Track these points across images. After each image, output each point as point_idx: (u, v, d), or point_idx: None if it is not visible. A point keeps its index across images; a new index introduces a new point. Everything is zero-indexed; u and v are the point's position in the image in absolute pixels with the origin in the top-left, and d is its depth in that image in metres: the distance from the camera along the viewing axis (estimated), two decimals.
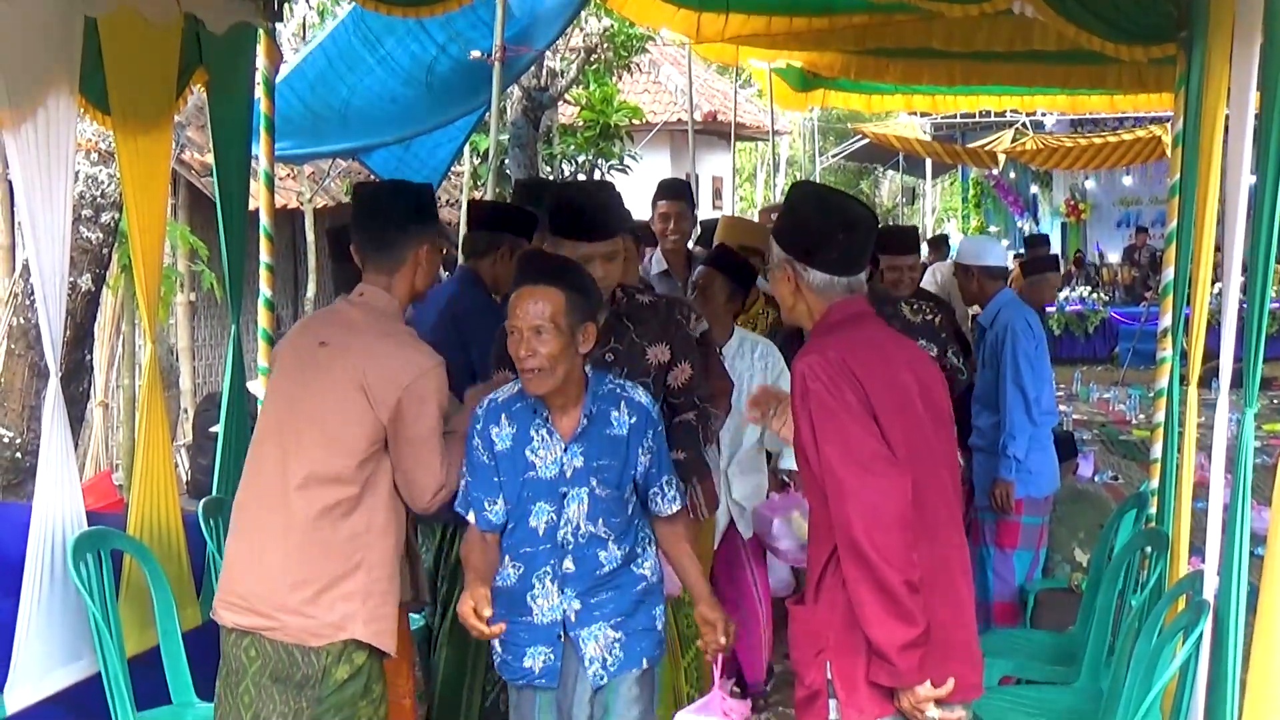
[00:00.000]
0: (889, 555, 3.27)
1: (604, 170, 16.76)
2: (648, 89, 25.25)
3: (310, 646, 3.90)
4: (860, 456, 3.33)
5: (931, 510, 3.44)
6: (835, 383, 3.38)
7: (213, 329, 13.49)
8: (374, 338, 3.99)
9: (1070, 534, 7.54)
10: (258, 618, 3.92)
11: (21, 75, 4.69)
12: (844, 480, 3.32)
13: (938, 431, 3.56)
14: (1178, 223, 5.53)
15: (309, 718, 3.91)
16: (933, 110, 15.11)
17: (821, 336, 3.57)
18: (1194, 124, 5.19)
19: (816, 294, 3.59)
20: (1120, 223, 26.50)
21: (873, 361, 3.46)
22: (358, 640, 3.94)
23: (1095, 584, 5.74)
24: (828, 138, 32.29)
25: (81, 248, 7.51)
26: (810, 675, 3.51)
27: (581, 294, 3.97)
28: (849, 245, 3.58)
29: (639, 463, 4.11)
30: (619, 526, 4.10)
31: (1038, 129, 21.95)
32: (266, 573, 3.93)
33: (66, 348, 6.73)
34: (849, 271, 3.59)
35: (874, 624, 3.31)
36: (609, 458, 4.05)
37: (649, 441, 4.11)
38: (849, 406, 3.37)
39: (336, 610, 3.90)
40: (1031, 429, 6.69)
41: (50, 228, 4.85)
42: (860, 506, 3.30)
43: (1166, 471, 5.44)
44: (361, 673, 3.98)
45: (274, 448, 4.03)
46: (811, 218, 3.63)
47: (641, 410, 4.11)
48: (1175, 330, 5.60)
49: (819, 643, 3.48)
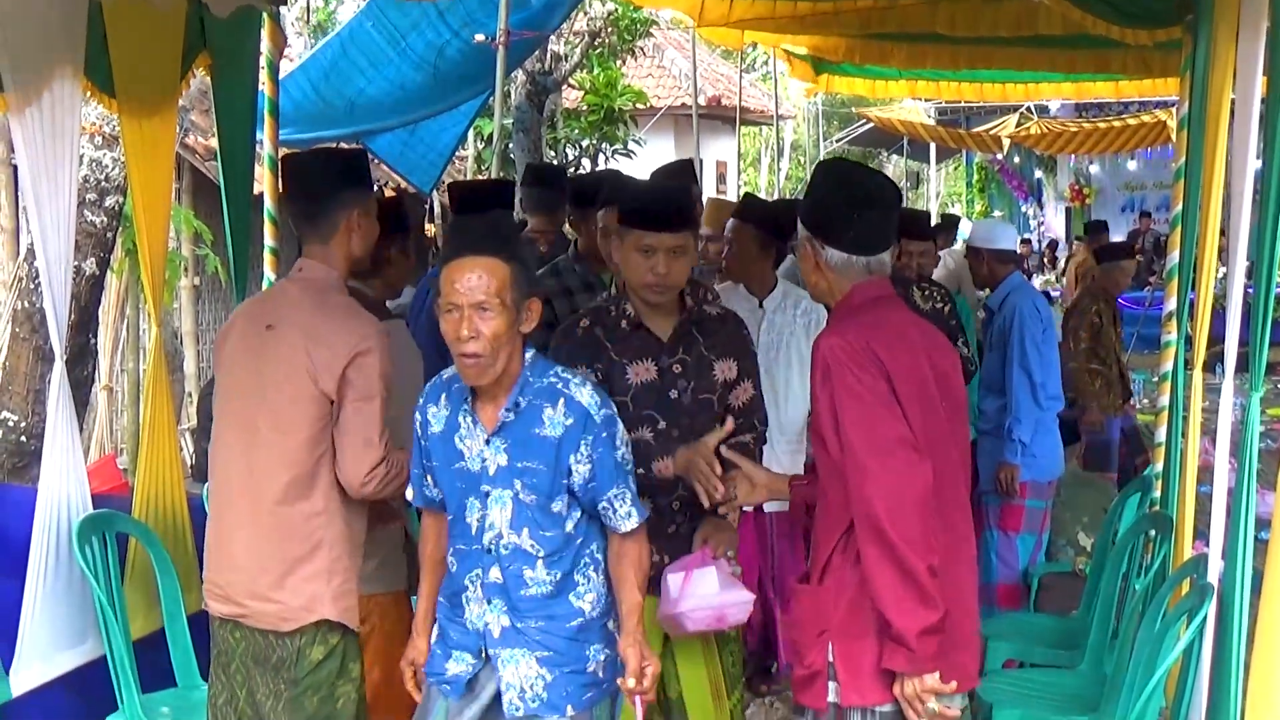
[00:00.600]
0: (912, 539, 3.27)
1: (608, 155, 16.75)
2: (652, 73, 25.22)
3: (282, 631, 3.93)
4: (884, 440, 3.33)
5: (943, 501, 3.43)
6: (861, 365, 3.38)
7: (217, 313, 13.48)
8: (313, 313, 3.95)
9: (1074, 518, 7.55)
10: (233, 605, 3.99)
11: (26, 59, 4.69)
12: (867, 464, 3.32)
13: (952, 420, 3.55)
14: (1183, 207, 5.52)
15: (288, 699, 3.95)
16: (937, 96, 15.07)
17: (844, 318, 3.56)
18: (1199, 108, 5.18)
19: (836, 272, 3.59)
20: (1125, 207, 26.48)
21: (895, 347, 3.45)
22: (330, 620, 3.95)
23: (1099, 567, 5.75)
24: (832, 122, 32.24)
25: (86, 231, 7.51)
26: (811, 655, 3.51)
27: (525, 265, 3.59)
28: (865, 224, 3.56)
29: (574, 472, 3.61)
30: (550, 544, 3.65)
31: (1042, 113, 21.89)
32: (234, 561, 3.97)
33: (71, 332, 6.73)
34: (867, 251, 3.57)
35: (894, 608, 3.30)
36: (536, 460, 3.60)
37: (587, 449, 3.61)
38: (873, 390, 3.37)
39: (302, 593, 3.91)
40: (1038, 413, 6.70)
41: (55, 212, 4.85)
42: (884, 490, 3.29)
43: (1171, 455, 5.44)
44: (336, 653, 3.99)
45: (234, 435, 4.04)
46: (828, 195, 3.63)
47: (581, 412, 3.60)
48: (1180, 315, 5.59)
49: (822, 623, 3.48)
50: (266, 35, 6.04)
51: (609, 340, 4.27)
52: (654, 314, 4.28)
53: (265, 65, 6.07)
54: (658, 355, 4.27)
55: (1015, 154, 25.77)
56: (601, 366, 4.23)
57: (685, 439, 4.18)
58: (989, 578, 6.72)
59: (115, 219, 7.89)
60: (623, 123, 16.88)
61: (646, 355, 4.26)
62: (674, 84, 25.42)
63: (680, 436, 4.21)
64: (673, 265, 4.15)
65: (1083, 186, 27.03)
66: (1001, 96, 13.74)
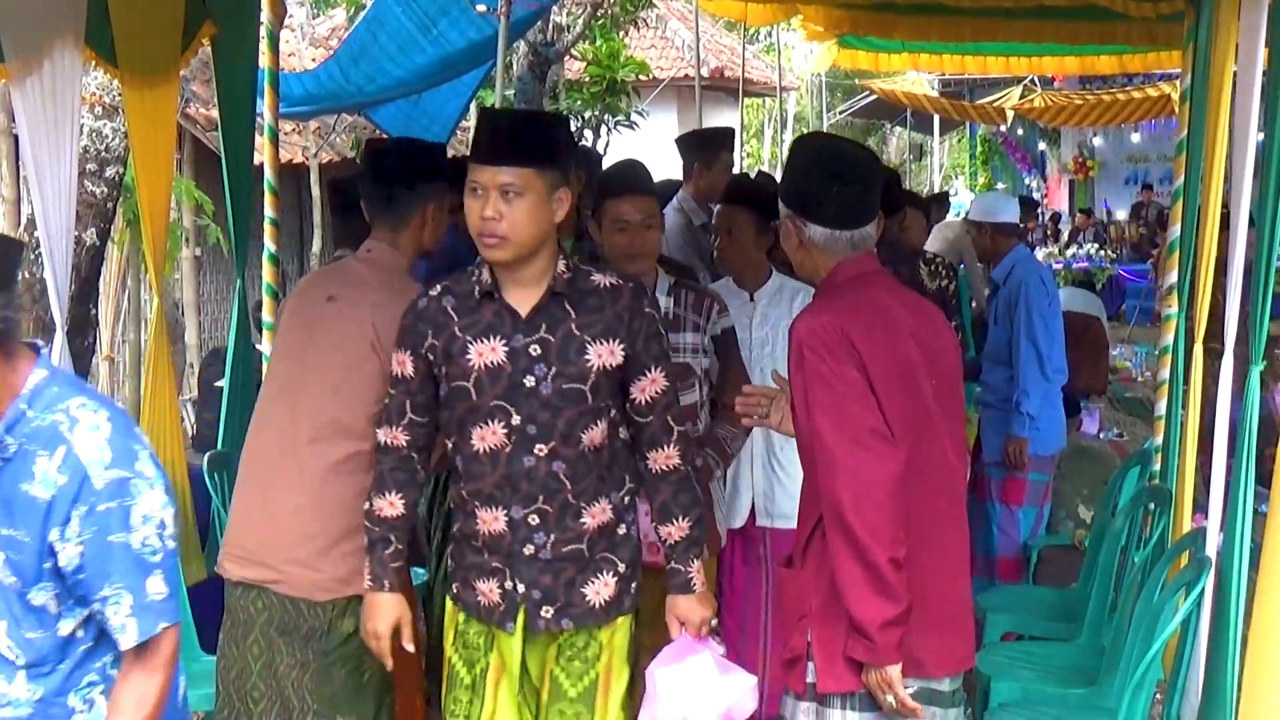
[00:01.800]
0: (875, 531, 3.22)
1: (610, 126, 16.71)
2: (654, 44, 25.15)
3: (316, 600, 3.90)
4: (853, 430, 3.27)
5: (928, 486, 3.39)
6: (833, 352, 3.31)
7: (217, 284, 13.50)
8: (382, 293, 3.96)
9: (1074, 490, 7.58)
10: (264, 569, 3.93)
11: (26, 28, 4.69)
12: (835, 453, 3.26)
13: (943, 403, 3.48)
14: (1184, 179, 5.52)
15: (316, 669, 3.93)
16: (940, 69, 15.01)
17: (825, 298, 3.51)
18: (1202, 81, 5.17)
19: (820, 249, 3.51)
20: (1128, 180, 26.39)
21: (875, 330, 3.38)
22: (362, 595, 3.95)
23: (1098, 540, 5.76)
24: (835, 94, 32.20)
25: (86, 202, 7.51)
26: (794, 639, 3.50)
27: None
28: (845, 198, 3.48)
29: (58, 553, 2.65)
30: (33, 651, 2.72)
31: (1046, 85, 21.82)
32: (275, 526, 3.92)
33: (71, 302, 6.74)
34: (849, 225, 3.49)
35: (855, 600, 3.26)
36: (20, 527, 2.66)
37: (79, 524, 2.62)
38: (845, 378, 3.30)
39: (344, 565, 3.88)
40: (1044, 385, 6.70)
41: (56, 182, 4.85)
42: (849, 481, 3.24)
43: (1171, 428, 5.45)
44: None
45: (283, 402, 4.02)
46: (806, 171, 3.55)
47: (77, 470, 2.62)
48: (1181, 287, 5.59)
49: (802, 608, 3.47)
50: (266, 6, 6.03)
51: (457, 312, 3.55)
52: (514, 283, 3.51)
53: (265, 35, 6.07)
54: (510, 333, 3.48)
55: (1019, 126, 25.69)
56: (439, 344, 3.53)
57: (546, 438, 3.48)
58: (990, 550, 6.74)
59: (115, 189, 7.89)
60: (625, 94, 16.80)
61: (495, 332, 3.49)
62: (677, 55, 25.36)
63: (538, 435, 3.47)
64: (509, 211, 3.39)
65: (1086, 159, 26.95)
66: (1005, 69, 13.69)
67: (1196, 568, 4.19)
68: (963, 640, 3.54)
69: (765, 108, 33.90)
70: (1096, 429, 11.12)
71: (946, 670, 3.47)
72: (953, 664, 3.49)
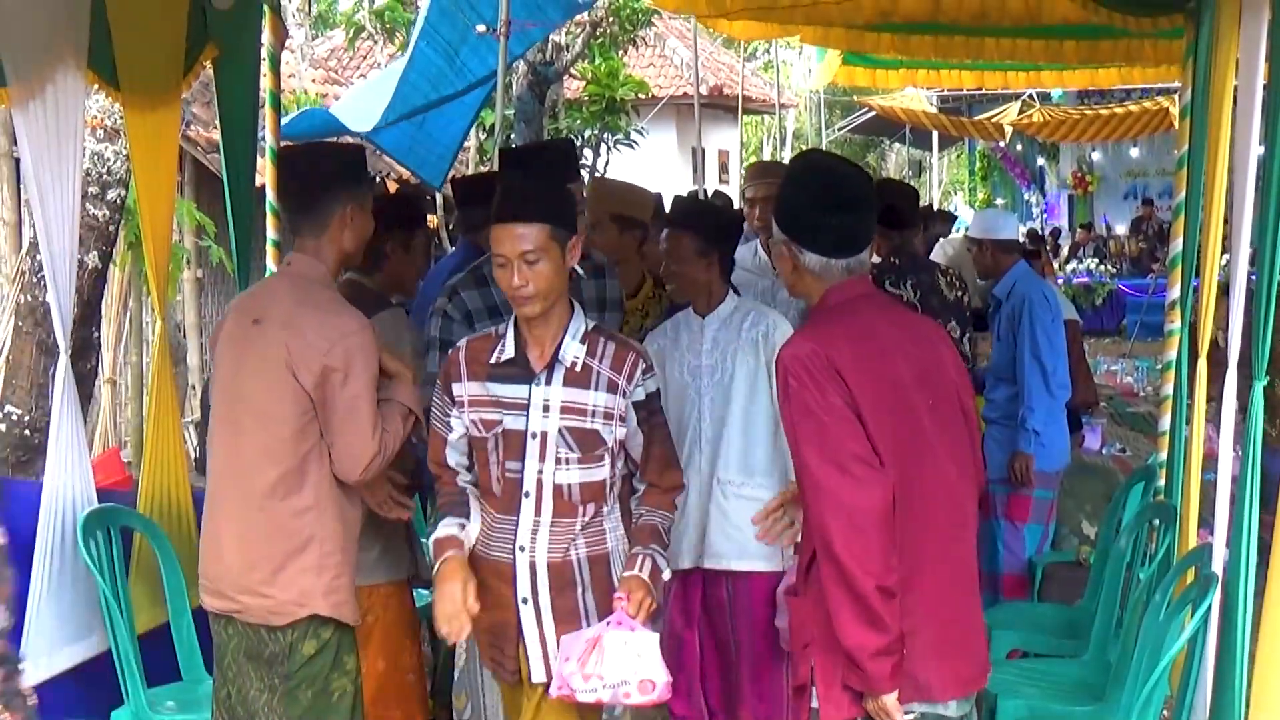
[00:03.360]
0: (863, 560, 3.20)
1: (610, 144, 16.74)
2: (653, 63, 25.21)
3: (274, 625, 3.92)
4: (838, 458, 3.25)
5: (927, 506, 3.37)
6: (816, 380, 3.29)
7: (219, 305, 13.47)
8: (295, 307, 3.91)
9: (1077, 506, 7.56)
10: (225, 600, 3.98)
11: (28, 51, 4.69)
12: (821, 482, 3.26)
13: (942, 420, 3.46)
14: (1185, 194, 5.52)
15: (283, 692, 3.95)
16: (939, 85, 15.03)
17: (814, 323, 3.51)
18: (1202, 95, 5.17)
19: (815, 276, 3.50)
20: (1127, 194, 26.41)
21: (862, 354, 3.36)
22: (321, 615, 3.94)
23: (1103, 557, 5.75)
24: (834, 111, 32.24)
25: (88, 225, 7.51)
26: (800, 667, 3.50)
27: None
28: (842, 227, 3.47)
29: None
30: None
31: (1044, 101, 21.87)
32: (224, 556, 3.96)
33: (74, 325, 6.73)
34: (844, 253, 3.47)
35: (845, 629, 3.25)
36: None
37: None
38: (830, 407, 3.28)
39: (294, 587, 3.89)
40: (1049, 401, 6.70)
41: (59, 205, 4.85)
42: (836, 509, 3.22)
43: (1175, 444, 5.44)
44: (329, 646, 3.98)
45: (221, 430, 4.04)
46: (804, 199, 3.52)
47: None
48: (1184, 302, 5.59)
49: (805, 636, 3.45)
50: (268, 27, 6.03)
51: None
52: None
53: (266, 57, 6.07)
54: None
55: (1018, 142, 25.71)
56: None
57: None
58: (995, 567, 6.72)
59: (117, 212, 7.89)
60: (624, 113, 16.84)
61: None
62: (676, 73, 25.42)
63: None
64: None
65: (1085, 174, 26.97)
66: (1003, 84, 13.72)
67: (1202, 584, 4.18)
68: (971, 662, 3.52)
69: (764, 125, 33.93)
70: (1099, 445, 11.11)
71: (952, 693, 3.45)
72: (958, 686, 3.47)
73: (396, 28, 15.48)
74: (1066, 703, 4.93)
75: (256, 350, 3.93)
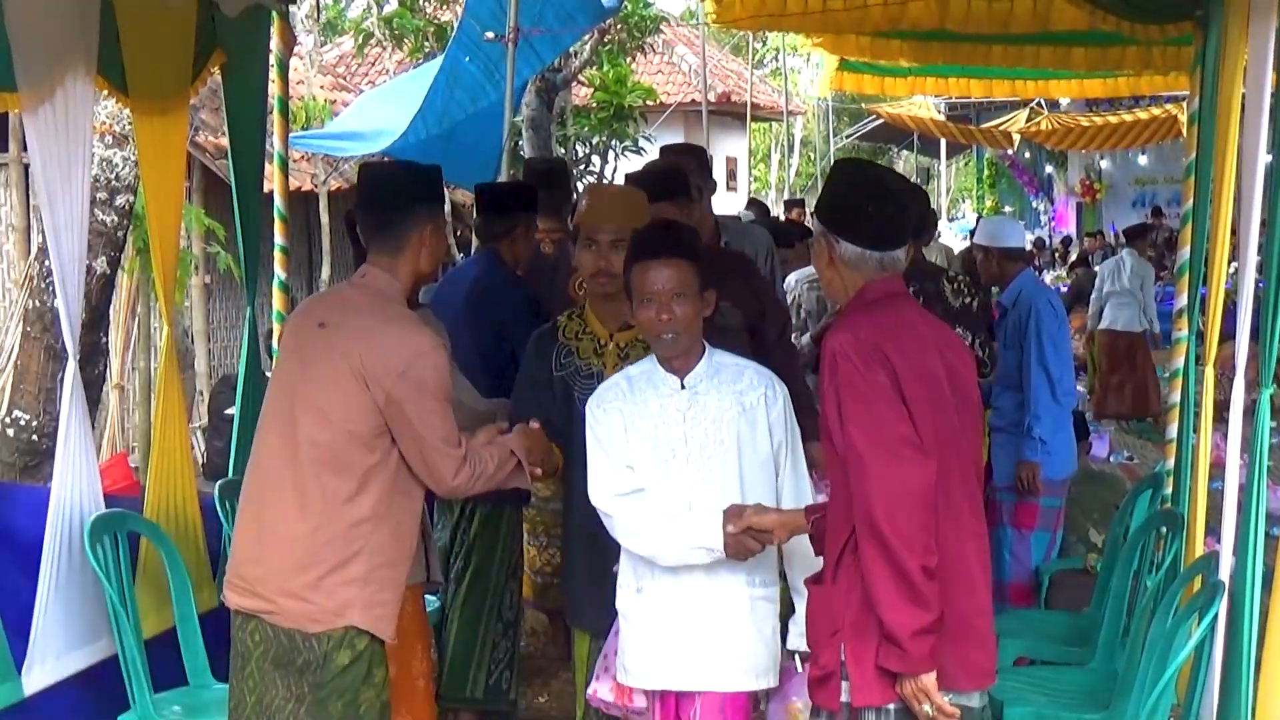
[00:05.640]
0: (908, 539, 3.25)
1: (618, 152, 16.75)
2: (661, 69, 25.22)
3: (310, 632, 3.86)
4: (886, 439, 3.31)
5: (953, 498, 3.42)
6: (867, 363, 3.36)
7: (227, 311, 13.51)
8: (371, 320, 3.91)
9: (1084, 514, 7.54)
10: (260, 600, 3.90)
11: (38, 58, 4.69)
12: (868, 462, 3.30)
13: (964, 420, 3.52)
14: (1194, 203, 5.52)
15: (311, 702, 3.90)
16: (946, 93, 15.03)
17: (854, 314, 3.55)
18: (1210, 103, 5.17)
19: (850, 268, 3.56)
20: (1136, 202, 26.44)
21: (906, 345, 3.43)
22: (358, 626, 3.92)
23: (1110, 565, 5.74)
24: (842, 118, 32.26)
25: (96, 231, 7.51)
26: (825, 656, 3.50)
27: None
28: (878, 218, 3.54)
29: None
30: None
31: (1052, 108, 21.88)
32: (268, 556, 3.90)
33: (82, 331, 6.76)
34: (880, 246, 3.54)
35: (887, 607, 3.28)
36: None
37: None
38: (879, 388, 3.34)
39: (337, 596, 3.85)
40: (1056, 409, 6.69)
41: (68, 210, 4.85)
42: (882, 489, 3.27)
43: (1182, 452, 5.43)
44: (363, 658, 3.93)
45: (277, 432, 3.98)
46: (843, 189, 3.62)
47: None
48: (1191, 310, 5.59)
49: (835, 623, 3.47)
50: (276, 33, 6.06)
51: None
52: None
53: (275, 64, 6.09)
54: None
55: (1026, 149, 25.73)
56: None
57: None
58: (1002, 576, 6.71)
59: (126, 218, 7.91)
60: (632, 119, 16.86)
61: None
62: (684, 80, 25.42)
63: None
64: None
65: (1093, 182, 26.99)
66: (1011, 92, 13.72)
67: (1209, 592, 4.17)
68: (988, 655, 3.56)
69: (772, 132, 33.96)
70: (1106, 452, 11.12)
71: (974, 684, 3.49)
72: (980, 678, 3.51)
73: (405, 34, 15.48)
74: (1073, 710, 4.92)
75: (322, 354, 3.90)
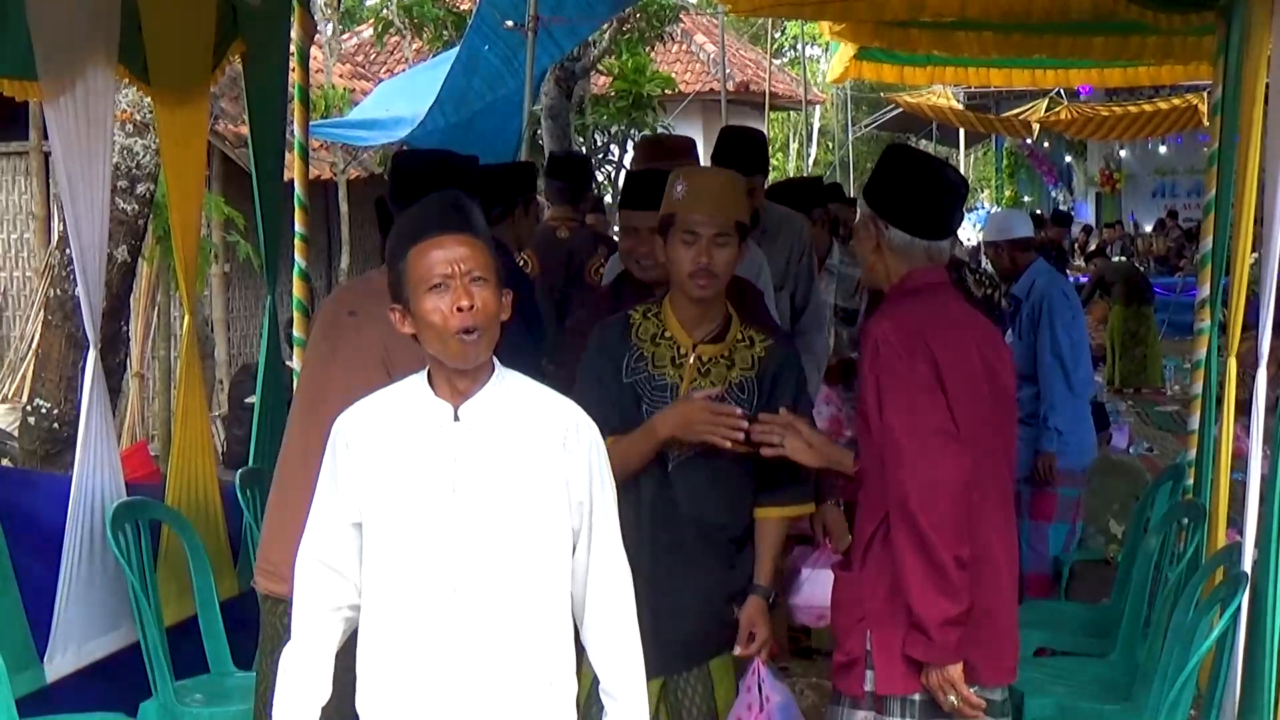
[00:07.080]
0: (941, 529, 3.25)
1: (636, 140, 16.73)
2: (680, 58, 25.16)
3: None
4: (924, 428, 3.31)
5: (985, 493, 3.41)
6: (909, 351, 3.36)
7: (246, 300, 13.53)
8: None
9: (1104, 505, 7.54)
10: (288, 585, 3.92)
11: (60, 47, 4.71)
12: (905, 449, 3.30)
13: (999, 415, 3.52)
14: (1216, 193, 5.49)
15: (339, 686, 3.91)
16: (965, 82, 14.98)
17: (898, 301, 3.55)
18: (1233, 93, 5.15)
19: (896, 254, 3.55)
20: (1155, 192, 26.34)
21: (947, 337, 3.43)
22: None
23: (1131, 556, 5.73)
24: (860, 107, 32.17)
25: (117, 219, 7.53)
26: (850, 642, 3.50)
27: None
28: (929, 205, 3.54)
29: None
30: None
31: (1072, 98, 21.79)
32: (295, 540, 3.92)
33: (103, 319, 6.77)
34: (929, 234, 3.54)
35: (917, 596, 3.29)
36: None
37: None
38: (919, 377, 3.35)
39: None
40: (1071, 399, 6.67)
41: (89, 199, 4.87)
42: (918, 477, 3.28)
43: (1204, 443, 5.41)
44: None
45: (308, 416, 4.01)
46: (895, 174, 3.60)
47: None
48: (1214, 301, 5.56)
49: (861, 610, 3.47)
50: (296, 22, 6.05)
51: None
52: None
53: (295, 52, 6.09)
54: None
55: (1045, 139, 25.64)
56: None
57: None
58: (1021, 566, 6.69)
59: (146, 206, 7.92)
60: (651, 109, 16.85)
61: None
62: (702, 69, 25.36)
63: None
64: None
65: (1113, 171, 26.88)
66: (1030, 82, 13.67)
67: (1232, 584, 4.16)
68: (1012, 651, 3.56)
69: (790, 121, 33.89)
70: (1126, 443, 11.08)
71: (998, 679, 3.49)
72: (1003, 674, 3.51)
73: (425, 23, 15.48)
74: (1094, 701, 4.91)
75: (351, 342, 3.92)
